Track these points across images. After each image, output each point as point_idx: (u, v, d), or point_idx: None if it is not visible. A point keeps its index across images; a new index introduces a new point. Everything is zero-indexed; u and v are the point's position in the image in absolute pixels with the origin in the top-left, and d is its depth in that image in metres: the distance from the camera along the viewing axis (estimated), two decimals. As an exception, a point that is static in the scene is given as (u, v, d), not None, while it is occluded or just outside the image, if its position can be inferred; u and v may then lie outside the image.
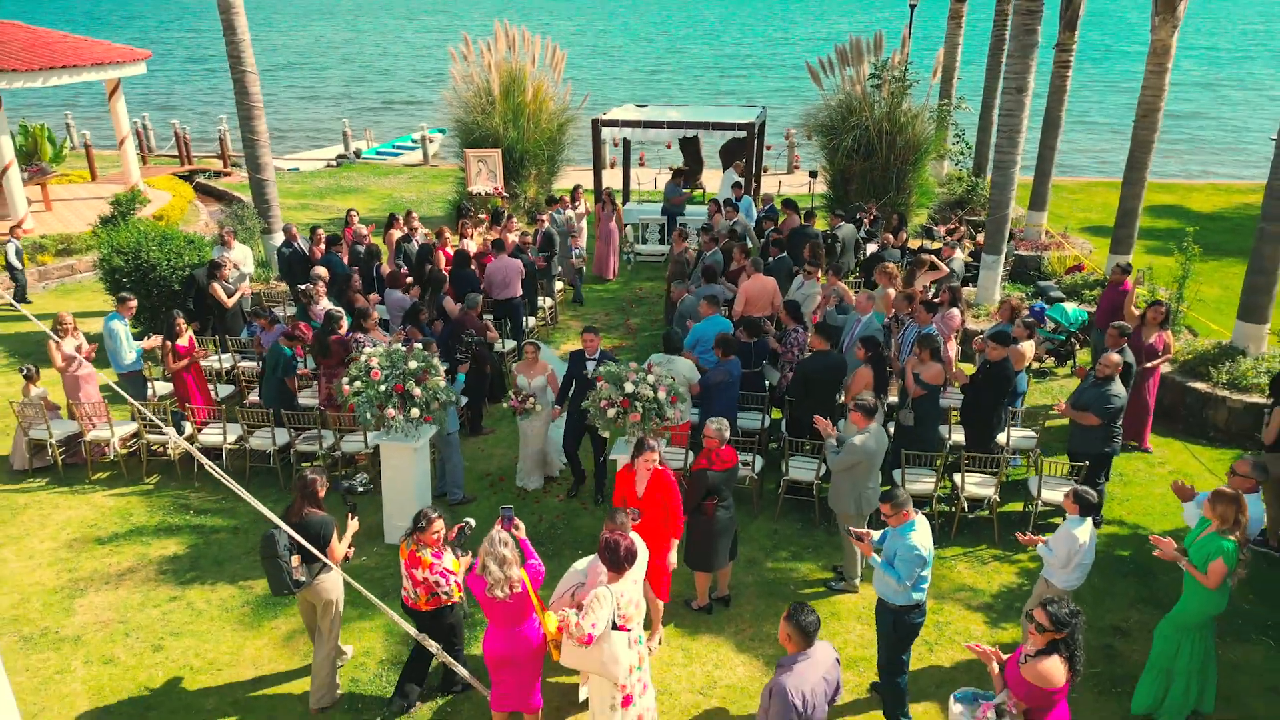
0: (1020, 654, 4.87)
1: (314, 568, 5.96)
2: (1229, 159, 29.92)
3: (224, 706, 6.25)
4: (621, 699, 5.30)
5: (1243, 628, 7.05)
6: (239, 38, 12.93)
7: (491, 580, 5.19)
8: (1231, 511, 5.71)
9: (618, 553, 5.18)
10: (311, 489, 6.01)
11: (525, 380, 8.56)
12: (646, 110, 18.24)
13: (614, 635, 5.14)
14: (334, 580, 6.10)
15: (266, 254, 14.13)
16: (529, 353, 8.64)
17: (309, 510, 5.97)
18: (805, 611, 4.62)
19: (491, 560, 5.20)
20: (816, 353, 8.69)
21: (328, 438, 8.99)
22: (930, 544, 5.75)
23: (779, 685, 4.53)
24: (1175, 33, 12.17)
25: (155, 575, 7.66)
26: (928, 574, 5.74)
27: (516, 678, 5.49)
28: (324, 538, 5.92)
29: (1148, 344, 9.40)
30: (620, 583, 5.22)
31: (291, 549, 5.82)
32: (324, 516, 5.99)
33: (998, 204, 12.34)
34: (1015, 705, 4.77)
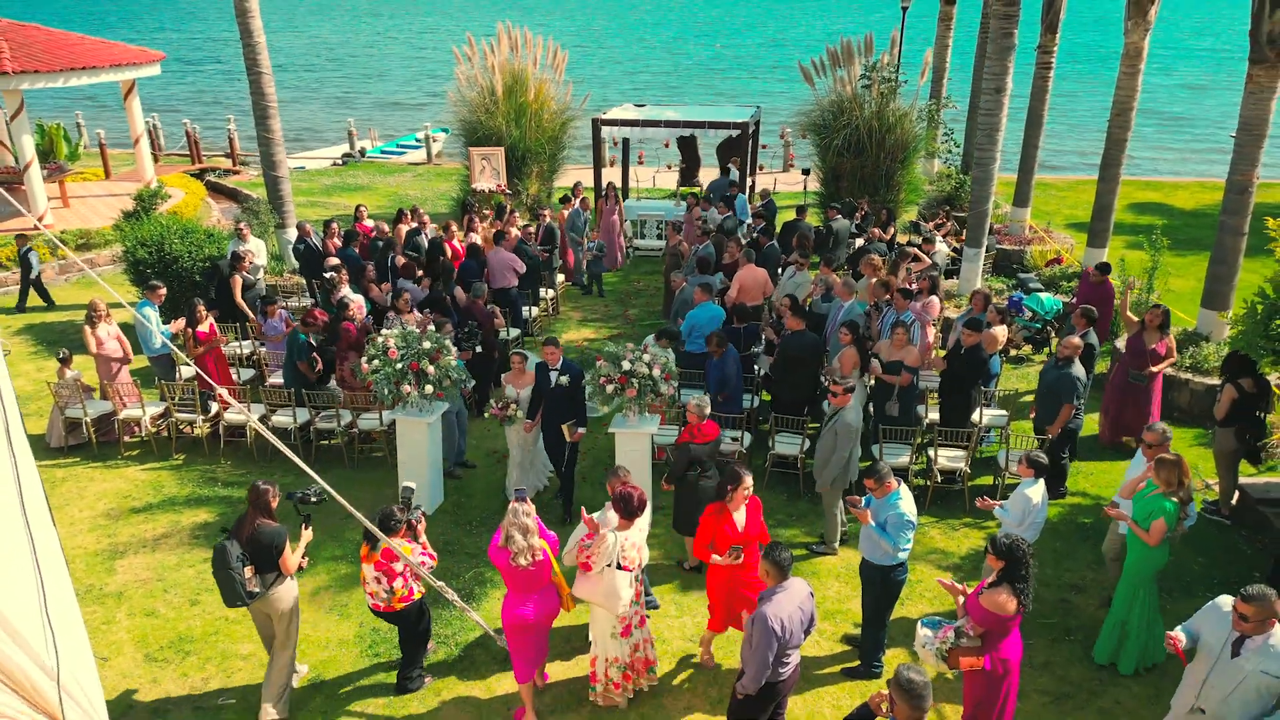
0: (981, 588, 5.51)
1: (268, 578, 6.00)
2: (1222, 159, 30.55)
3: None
4: (621, 629, 5.97)
5: (1191, 585, 7.68)
6: (255, 40, 13.55)
7: (516, 549, 5.66)
8: (1174, 475, 6.34)
9: (631, 502, 5.88)
10: (264, 500, 6.01)
11: (513, 390, 8.53)
12: (645, 109, 18.87)
13: (617, 574, 5.80)
14: (288, 590, 6.13)
15: (280, 248, 14.74)
16: (516, 363, 8.57)
17: (261, 521, 5.97)
18: (780, 549, 5.25)
19: (516, 530, 5.68)
20: (794, 332, 9.31)
21: (345, 416, 9.61)
22: (915, 510, 6.38)
23: (760, 614, 5.16)
24: (1147, 36, 12.80)
25: (189, 540, 8.30)
26: (912, 536, 6.37)
27: (536, 643, 6.00)
28: (277, 548, 5.96)
29: (1150, 349, 9.37)
30: (628, 530, 5.88)
31: (244, 560, 5.87)
32: (276, 528, 5.99)
33: (978, 199, 12.96)
34: (973, 629, 5.40)
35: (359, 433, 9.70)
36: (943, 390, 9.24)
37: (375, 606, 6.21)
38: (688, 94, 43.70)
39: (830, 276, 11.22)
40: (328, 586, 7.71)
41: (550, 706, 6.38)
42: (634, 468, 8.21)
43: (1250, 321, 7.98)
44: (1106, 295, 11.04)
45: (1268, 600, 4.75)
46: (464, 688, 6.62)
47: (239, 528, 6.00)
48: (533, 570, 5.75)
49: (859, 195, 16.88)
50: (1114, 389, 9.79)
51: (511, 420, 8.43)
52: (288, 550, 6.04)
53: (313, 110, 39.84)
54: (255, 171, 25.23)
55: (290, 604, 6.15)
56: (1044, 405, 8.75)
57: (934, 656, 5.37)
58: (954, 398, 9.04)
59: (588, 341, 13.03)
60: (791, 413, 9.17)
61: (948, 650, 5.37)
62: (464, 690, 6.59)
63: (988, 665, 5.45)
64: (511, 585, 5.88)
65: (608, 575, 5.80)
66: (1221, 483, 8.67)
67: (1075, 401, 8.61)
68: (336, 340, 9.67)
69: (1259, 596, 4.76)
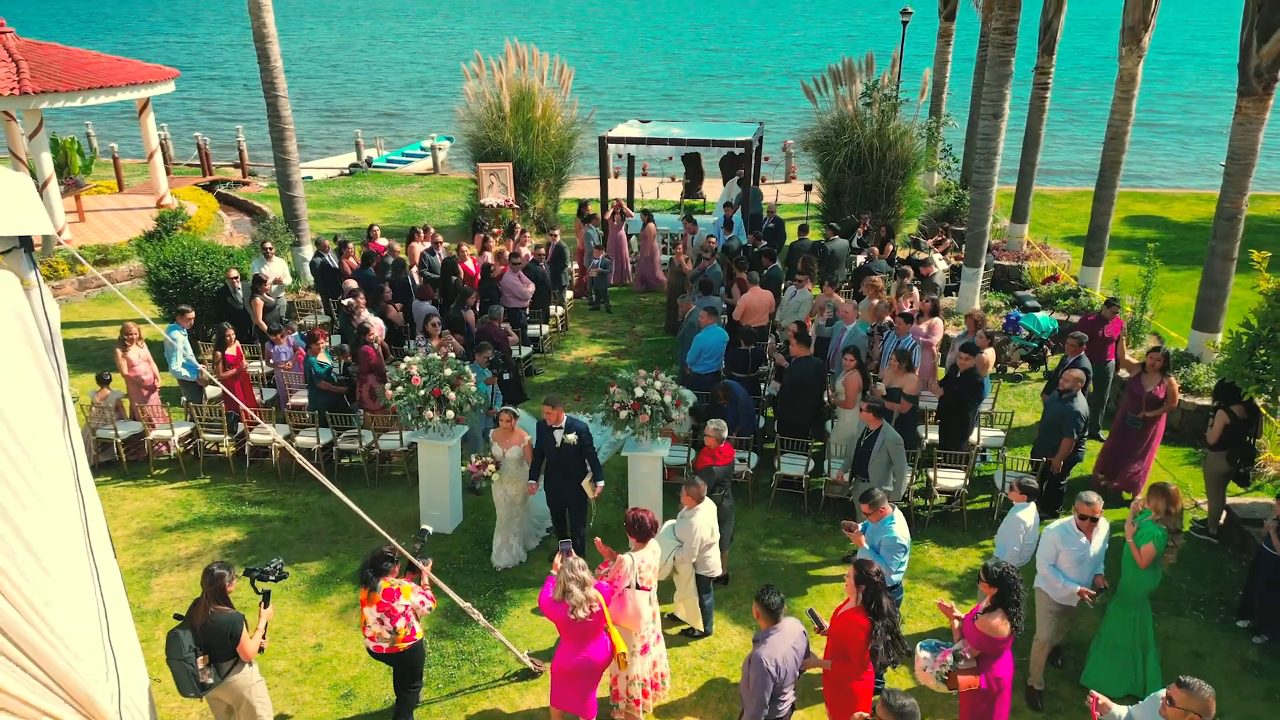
0: (975, 612, 5.87)
1: (224, 667, 5.79)
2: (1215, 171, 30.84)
3: (291, 669, 7.25)
4: (640, 647, 6.34)
5: (1179, 604, 8.04)
6: (273, 65, 13.92)
7: (574, 602, 5.79)
8: (1163, 504, 6.71)
9: (645, 525, 6.31)
10: (219, 584, 5.73)
11: (499, 449, 8.25)
12: (650, 126, 19.25)
13: (637, 595, 6.20)
14: (246, 677, 5.90)
15: (296, 265, 15.10)
16: (505, 421, 8.27)
17: (216, 608, 5.71)
18: (771, 593, 5.58)
19: (574, 585, 5.81)
20: (800, 359, 9.69)
21: (367, 436, 9.98)
22: (908, 534, 6.74)
23: (755, 656, 5.50)
24: (1140, 62, 13.15)
25: (220, 558, 8.61)
26: (906, 559, 6.73)
27: (581, 687, 6.11)
28: (234, 636, 5.73)
29: (1149, 392, 9.24)
30: (643, 551, 6.26)
31: (196, 650, 5.66)
32: (231, 614, 5.75)
33: (976, 220, 13.32)
34: (969, 651, 5.77)
35: (379, 452, 10.07)
36: (941, 413, 9.60)
37: (377, 649, 6.20)
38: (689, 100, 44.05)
39: (834, 298, 11.58)
40: (354, 604, 8.06)
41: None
42: (646, 489, 8.62)
43: (1235, 351, 8.34)
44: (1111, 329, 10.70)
45: (1201, 696, 4.58)
46: (488, 703, 6.98)
47: (192, 614, 5.76)
48: (590, 621, 5.88)
49: (860, 211, 17.24)
50: (1118, 428, 9.67)
51: (487, 480, 8.18)
52: (244, 636, 5.78)
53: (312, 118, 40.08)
54: (265, 182, 25.62)
55: (251, 690, 5.92)
56: (1046, 436, 9.04)
57: (935, 679, 5.73)
58: (952, 420, 9.40)
59: (597, 358, 13.39)
60: (796, 434, 9.54)
61: (947, 673, 5.73)
62: (489, 705, 6.95)
63: (984, 684, 5.82)
64: (567, 636, 5.98)
65: (629, 596, 6.18)
66: (1211, 503, 9.03)
67: (1076, 435, 8.90)
68: (358, 363, 10.03)
69: (1193, 688, 4.60)
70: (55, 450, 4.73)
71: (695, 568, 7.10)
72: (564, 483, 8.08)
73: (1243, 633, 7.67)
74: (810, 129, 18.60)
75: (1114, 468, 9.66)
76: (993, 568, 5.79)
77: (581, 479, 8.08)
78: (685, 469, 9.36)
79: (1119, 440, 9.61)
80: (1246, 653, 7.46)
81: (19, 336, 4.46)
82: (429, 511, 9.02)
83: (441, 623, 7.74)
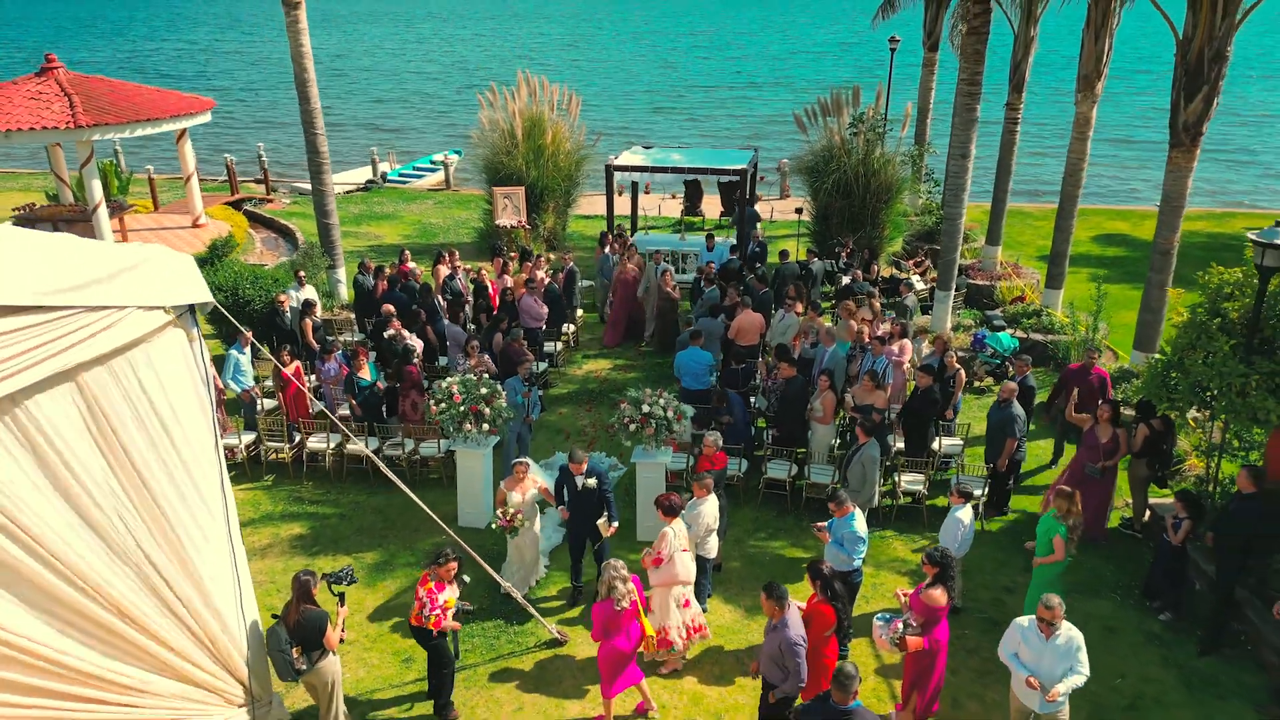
0: (920, 588, 7.37)
1: (313, 655, 6.95)
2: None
3: (360, 639, 8.75)
4: (683, 601, 8.06)
5: (1099, 588, 9.54)
6: (312, 107, 15.40)
7: (618, 595, 7.20)
8: (1065, 505, 8.21)
9: (672, 503, 8.11)
10: (306, 588, 6.91)
11: (517, 496, 8.92)
12: (652, 152, 20.74)
13: (684, 555, 7.98)
14: (330, 664, 7.08)
15: (330, 286, 16.57)
16: (518, 471, 8.97)
17: (305, 607, 6.88)
18: (776, 588, 6.99)
19: (619, 581, 7.24)
20: (789, 379, 11.18)
21: (408, 444, 11.46)
22: (866, 529, 8.26)
23: (784, 635, 6.85)
24: (1095, 107, 14.64)
25: (289, 550, 10.15)
26: (864, 549, 8.25)
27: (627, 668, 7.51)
28: (321, 630, 6.91)
29: (1103, 442, 9.88)
30: (675, 523, 8.03)
31: (291, 643, 6.80)
32: (319, 612, 6.92)
33: (947, 249, 14.81)
34: (915, 620, 7.26)
35: (419, 458, 11.55)
36: (904, 425, 11.10)
37: (414, 620, 7.48)
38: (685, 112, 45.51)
39: (816, 323, 13.07)
40: (406, 589, 9.54)
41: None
42: (651, 491, 10.10)
43: (1152, 374, 9.83)
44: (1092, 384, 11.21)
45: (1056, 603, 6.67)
46: (522, 665, 8.46)
47: (285, 613, 6.97)
48: (629, 610, 7.34)
49: (846, 233, 18.72)
50: (1073, 478, 10.19)
51: (515, 531, 8.91)
52: (329, 629, 6.99)
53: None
54: (287, 199, 27.09)
55: (333, 676, 7.12)
56: (992, 441, 10.59)
57: (889, 643, 7.21)
58: (914, 432, 10.90)
59: (606, 372, 14.87)
60: (787, 445, 11.05)
61: (899, 638, 7.22)
62: (522, 667, 8.43)
63: (926, 645, 7.31)
64: (610, 626, 7.31)
65: (679, 558, 7.97)
66: (1135, 503, 10.52)
67: (1017, 435, 10.44)
68: (401, 380, 11.52)
69: (1052, 601, 6.67)
70: (210, 462, 6.25)
71: (697, 548, 8.56)
72: (583, 521, 9.03)
73: (1150, 611, 9.16)
74: (801, 156, 20.10)
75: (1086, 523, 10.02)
76: (934, 552, 7.30)
77: (598, 518, 8.96)
78: (685, 473, 10.84)
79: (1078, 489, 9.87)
80: (1151, 627, 8.96)
81: (186, 377, 5.99)
82: (465, 509, 10.51)
83: (483, 600, 9.22)
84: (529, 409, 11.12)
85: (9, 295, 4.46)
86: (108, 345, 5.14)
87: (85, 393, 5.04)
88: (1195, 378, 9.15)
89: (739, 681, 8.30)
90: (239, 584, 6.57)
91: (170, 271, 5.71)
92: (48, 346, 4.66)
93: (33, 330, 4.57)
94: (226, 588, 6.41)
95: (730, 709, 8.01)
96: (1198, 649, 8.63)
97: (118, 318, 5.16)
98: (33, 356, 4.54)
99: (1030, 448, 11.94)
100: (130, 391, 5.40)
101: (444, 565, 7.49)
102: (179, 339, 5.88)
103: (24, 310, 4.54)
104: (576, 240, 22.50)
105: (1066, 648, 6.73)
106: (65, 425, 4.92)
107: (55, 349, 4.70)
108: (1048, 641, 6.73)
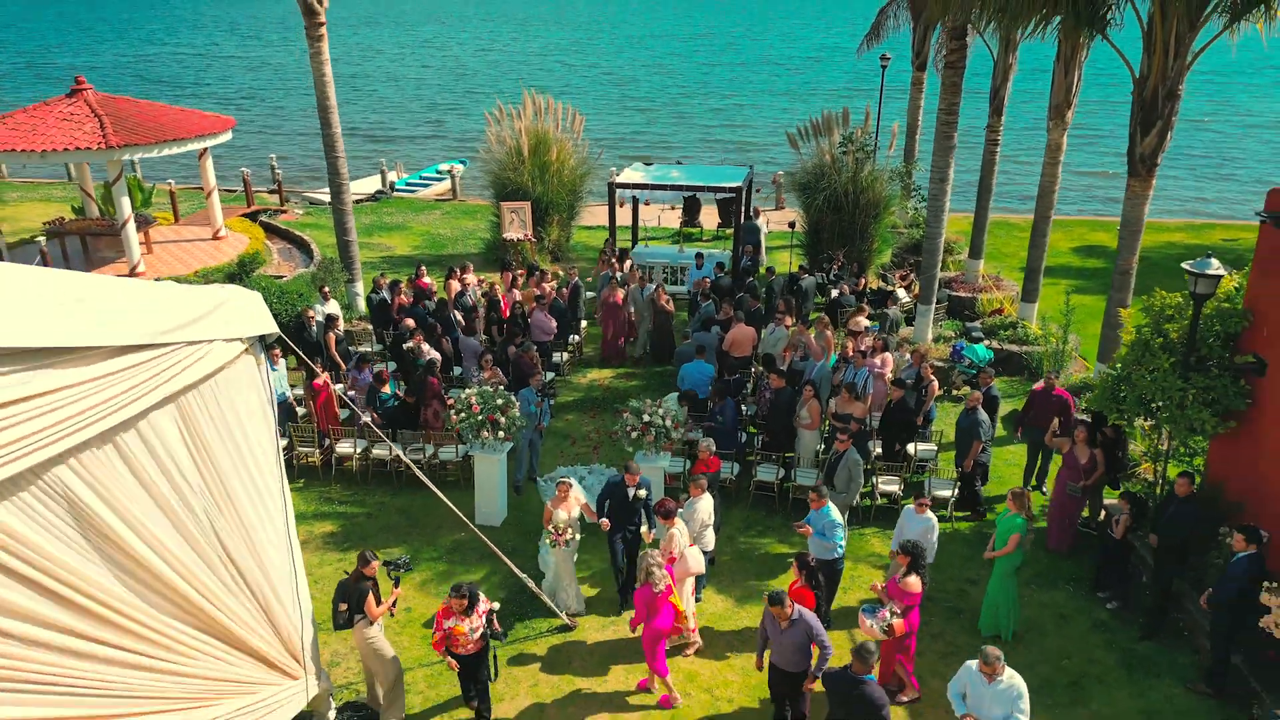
0: (895, 578, 8.41)
1: (355, 617, 8.15)
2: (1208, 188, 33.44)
3: (391, 624, 9.75)
4: (691, 589, 9.21)
5: (1055, 580, 10.59)
6: (334, 131, 16.47)
7: (655, 579, 8.27)
8: (1021, 504, 9.26)
9: (669, 508, 9.16)
10: (365, 562, 8.18)
11: (564, 513, 9.67)
12: (653, 169, 21.81)
13: (692, 550, 9.13)
14: (360, 630, 8.15)
15: (349, 299, 17.61)
16: (561, 491, 9.76)
17: (361, 577, 8.18)
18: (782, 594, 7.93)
19: (655, 568, 8.33)
20: (779, 390, 12.22)
21: (428, 449, 12.49)
22: (840, 516, 9.30)
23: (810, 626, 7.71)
24: (1065, 134, 15.69)
25: (322, 546, 11.19)
26: (844, 533, 9.31)
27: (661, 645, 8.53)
28: (361, 597, 8.08)
29: (1082, 464, 10.66)
30: (677, 524, 9.08)
31: (341, 600, 8.19)
32: (364, 585, 8.13)
33: (927, 266, 15.85)
34: (898, 607, 8.29)
35: (439, 462, 12.59)
36: (881, 433, 12.15)
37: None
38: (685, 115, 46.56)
39: (805, 337, 14.11)
40: (431, 579, 10.57)
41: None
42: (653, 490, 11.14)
43: (1103, 388, 10.86)
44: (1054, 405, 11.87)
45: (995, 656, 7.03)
46: (536, 649, 9.50)
47: (346, 578, 8.31)
48: (665, 592, 8.41)
49: (837, 247, 19.76)
50: (1056, 498, 11.10)
51: (568, 545, 9.70)
52: (369, 601, 8.13)
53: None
54: (300, 210, 28.13)
55: (364, 639, 8.15)
56: (959, 445, 11.65)
57: (879, 630, 8.23)
58: (889, 439, 11.95)
59: (609, 380, 15.89)
60: (776, 450, 12.09)
61: (888, 625, 8.25)
62: (537, 650, 9.46)
63: (906, 628, 8.37)
64: (651, 608, 8.32)
65: (688, 553, 9.09)
66: (1091, 504, 11.55)
67: (983, 439, 11.49)
68: (424, 391, 12.55)
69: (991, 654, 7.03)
70: (272, 468, 7.30)
71: (695, 540, 9.57)
72: (627, 524, 9.89)
73: (1100, 601, 10.21)
74: (794, 172, 21.15)
75: (1060, 534, 11.09)
76: (906, 544, 8.34)
77: (639, 526, 9.91)
78: (682, 476, 11.87)
79: (1061, 510, 11.01)
80: (1100, 615, 10.01)
81: (255, 396, 7.04)
82: (482, 508, 11.55)
83: (497, 592, 10.25)
84: (540, 417, 12.15)
85: (131, 336, 5.49)
86: (200, 372, 6.17)
87: (183, 411, 6.08)
88: (1140, 391, 10.19)
89: (729, 659, 9.35)
90: (295, 572, 7.62)
91: (244, 308, 6.75)
92: (160, 375, 5.69)
93: (150, 363, 5.60)
94: (285, 574, 7.46)
95: (722, 684, 9.06)
96: (1139, 635, 9.68)
97: (208, 350, 6.20)
98: (151, 384, 5.58)
99: (998, 453, 12.99)
100: (214, 409, 6.44)
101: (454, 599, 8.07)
102: (250, 364, 6.92)
103: (143, 348, 5.57)
104: (580, 251, 23.55)
105: (1007, 693, 7.07)
106: (171, 439, 5.96)
107: (166, 377, 5.73)
108: (989, 685, 7.10)
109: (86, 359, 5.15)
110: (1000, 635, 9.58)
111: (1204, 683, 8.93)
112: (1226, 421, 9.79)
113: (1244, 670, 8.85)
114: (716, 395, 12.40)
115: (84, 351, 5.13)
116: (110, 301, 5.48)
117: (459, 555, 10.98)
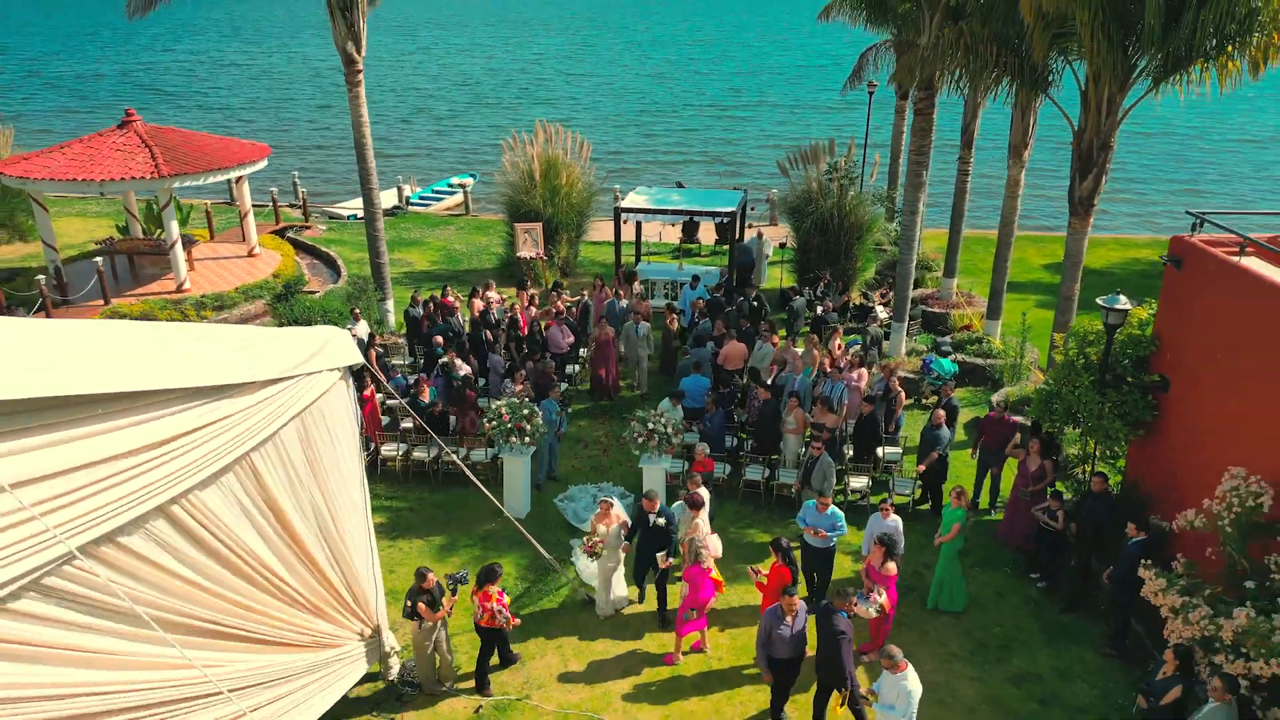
0: (871, 564, 10.32)
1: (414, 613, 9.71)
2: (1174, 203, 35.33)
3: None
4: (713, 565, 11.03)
5: (998, 564, 12.52)
6: (369, 165, 18.40)
7: (703, 558, 10.26)
8: (962, 499, 11.19)
9: (699, 499, 10.94)
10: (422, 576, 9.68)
11: (603, 528, 10.98)
12: (654, 192, 23.78)
13: (714, 536, 11.02)
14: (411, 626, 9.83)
15: (380, 315, 19.52)
16: (603, 508, 11.16)
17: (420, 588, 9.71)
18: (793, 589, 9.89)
19: (701, 549, 10.29)
20: (766, 400, 14.15)
21: (462, 451, 14.42)
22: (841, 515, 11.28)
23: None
24: (1023, 171, 17.60)
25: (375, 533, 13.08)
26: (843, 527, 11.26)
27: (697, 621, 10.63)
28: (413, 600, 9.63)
29: (1033, 471, 12.06)
30: (702, 513, 10.93)
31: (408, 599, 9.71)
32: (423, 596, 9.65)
33: (900, 288, 17.77)
34: (879, 590, 10.19)
35: (471, 463, 14.50)
36: (854, 440, 14.09)
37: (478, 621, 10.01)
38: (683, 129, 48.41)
39: (790, 352, 16.03)
40: (466, 564, 12.46)
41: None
42: (655, 487, 13.06)
43: (1040, 400, 12.78)
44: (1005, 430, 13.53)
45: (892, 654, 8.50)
46: (562, 621, 11.40)
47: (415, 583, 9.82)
48: (709, 568, 10.43)
49: (824, 266, 21.65)
50: (1011, 501, 12.71)
51: (597, 555, 10.94)
52: (420, 605, 9.65)
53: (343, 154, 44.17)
54: (323, 225, 30.00)
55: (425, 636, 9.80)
56: (922, 451, 13.55)
57: (873, 611, 10.06)
58: (860, 446, 13.92)
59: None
60: (763, 453, 14.01)
61: (879, 606, 10.12)
62: (564, 622, 11.37)
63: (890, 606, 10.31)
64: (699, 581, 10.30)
65: (713, 540, 10.92)
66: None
67: (941, 451, 13.37)
68: (463, 402, 14.47)
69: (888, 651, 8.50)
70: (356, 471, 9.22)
71: None
72: (650, 549, 11.15)
73: (1031, 581, 12.13)
74: (785, 196, 23.08)
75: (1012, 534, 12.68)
76: (883, 537, 10.28)
77: (660, 550, 11.05)
78: (681, 474, 13.78)
79: (1014, 511, 12.54)
80: (1031, 593, 11.94)
81: (346, 414, 8.96)
82: (509, 502, 13.46)
83: (525, 572, 12.17)
84: (560, 425, 14.05)
85: (276, 371, 7.41)
86: (312, 396, 8.09)
87: (304, 425, 8.00)
88: (1067, 404, 12.10)
89: (721, 628, 11.26)
90: (373, 557, 9.56)
91: (340, 344, 8.67)
92: (290, 400, 7.61)
93: (285, 393, 7.52)
94: (365, 557, 9.39)
95: (714, 645, 10.98)
96: (1061, 608, 11.61)
97: (319, 379, 8.12)
98: (286, 408, 7.49)
99: (956, 455, 14.92)
100: (320, 425, 8.36)
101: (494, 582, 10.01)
102: (343, 388, 8.85)
103: (283, 380, 7.49)
104: (586, 266, 25.46)
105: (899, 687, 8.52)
106: (294, 449, 7.88)
107: (293, 401, 7.65)
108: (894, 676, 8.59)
109: (248, 390, 7.07)
110: (939, 607, 11.49)
111: (1109, 646, 10.86)
112: (1136, 430, 11.69)
113: (1143, 636, 10.79)
114: (712, 405, 14.30)
115: (248, 386, 7.06)
116: (259, 347, 7.40)
117: (491, 542, 12.89)
